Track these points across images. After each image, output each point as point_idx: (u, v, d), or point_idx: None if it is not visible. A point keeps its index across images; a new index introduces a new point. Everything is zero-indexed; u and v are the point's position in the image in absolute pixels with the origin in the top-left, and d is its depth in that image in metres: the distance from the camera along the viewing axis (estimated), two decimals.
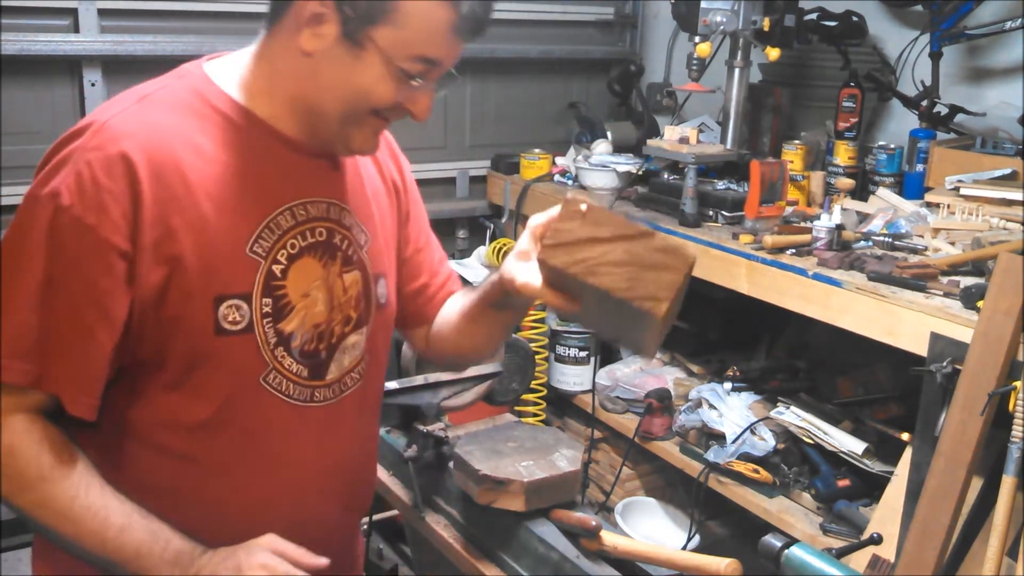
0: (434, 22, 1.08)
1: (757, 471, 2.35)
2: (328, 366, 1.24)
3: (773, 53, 2.55)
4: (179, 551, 1.12)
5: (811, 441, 2.30)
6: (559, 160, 3.14)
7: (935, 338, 1.78)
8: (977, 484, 1.71)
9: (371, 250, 1.30)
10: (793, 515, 2.27)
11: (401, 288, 1.42)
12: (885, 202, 2.47)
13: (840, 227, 2.18)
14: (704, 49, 2.52)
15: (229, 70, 1.18)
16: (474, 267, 2.96)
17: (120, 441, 1.18)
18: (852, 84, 2.63)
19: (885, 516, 1.94)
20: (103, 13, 2.55)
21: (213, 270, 1.11)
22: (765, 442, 2.37)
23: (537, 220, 1.19)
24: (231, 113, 1.15)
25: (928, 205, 2.37)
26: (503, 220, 3.14)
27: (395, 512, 1.85)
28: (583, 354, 2.99)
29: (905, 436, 2.06)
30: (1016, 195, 2.19)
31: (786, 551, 1.39)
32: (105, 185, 1.06)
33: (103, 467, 1.14)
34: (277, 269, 1.16)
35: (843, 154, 2.64)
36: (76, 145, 1.09)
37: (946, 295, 1.88)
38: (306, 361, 1.21)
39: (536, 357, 2.53)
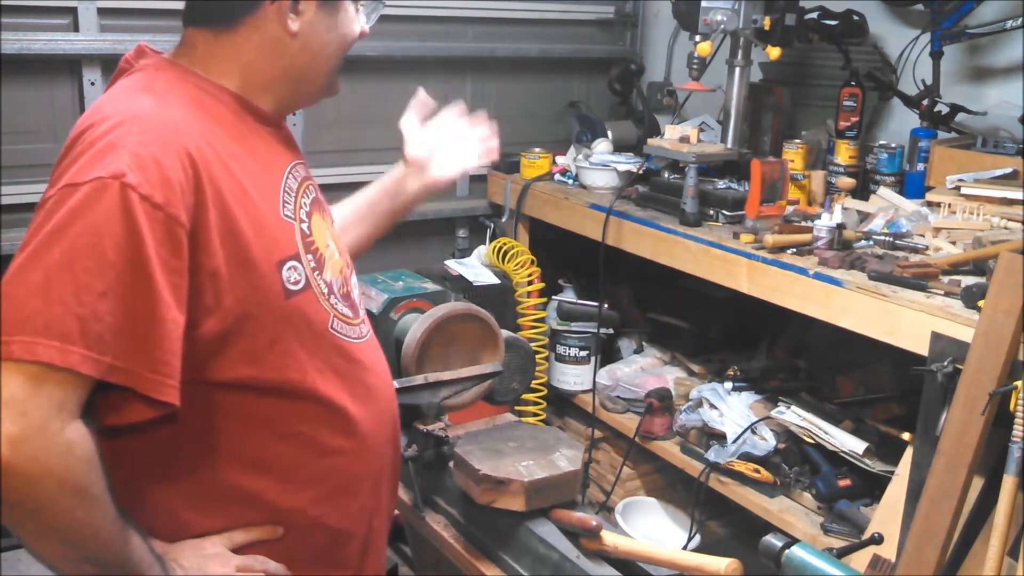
0: None
1: (758, 471, 2.35)
2: (355, 305, 1.37)
3: (774, 52, 2.55)
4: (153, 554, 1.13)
5: (812, 441, 2.29)
6: (559, 159, 3.13)
7: (936, 338, 1.78)
8: (978, 484, 1.71)
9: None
10: (794, 515, 2.27)
11: None
12: (886, 201, 2.47)
13: (841, 226, 2.18)
14: (704, 48, 2.51)
15: (192, 62, 1.27)
16: (474, 267, 2.95)
17: (214, 426, 1.18)
18: (853, 83, 2.63)
19: (886, 516, 1.94)
20: (103, 12, 2.55)
21: (266, 238, 1.18)
22: (766, 442, 2.37)
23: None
24: (224, 97, 1.24)
25: (929, 204, 2.37)
26: (503, 219, 3.13)
27: (395, 512, 1.85)
28: (583, 354, 2.98)
29: (906, 436, 2.06)
30: (1017, 194, 2.19)
31: (787, 551, 1.40)
32: (166, 163, 1.07)
33: (178, 464, 1.18)
34: (304, 227, 1.27)
35: (844, 153, 2.63)
36: (116, 134, 1.07)
37: (947, 294, 1.88)
38: (346, 303, 1.33)
39: (536, 356, 2.52)
